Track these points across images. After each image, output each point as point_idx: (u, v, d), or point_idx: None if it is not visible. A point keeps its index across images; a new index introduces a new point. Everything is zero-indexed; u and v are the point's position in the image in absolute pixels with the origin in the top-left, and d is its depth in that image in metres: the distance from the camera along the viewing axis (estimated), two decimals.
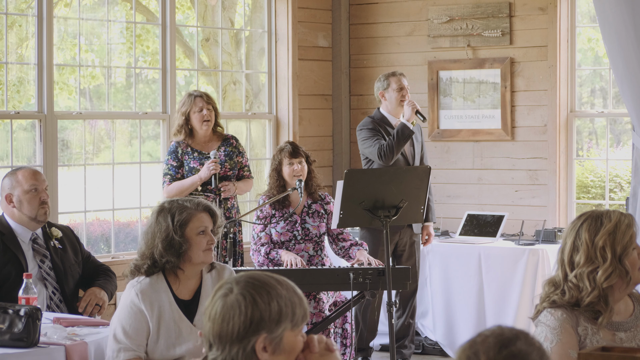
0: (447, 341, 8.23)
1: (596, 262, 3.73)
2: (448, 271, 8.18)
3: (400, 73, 7.82)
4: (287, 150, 7.16)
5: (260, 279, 2.79)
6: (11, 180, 5.69)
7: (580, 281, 3.73)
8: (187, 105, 7.27)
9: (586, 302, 3.71)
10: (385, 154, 7.56)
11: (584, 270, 3.73)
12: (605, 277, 3.71)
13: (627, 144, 9.48)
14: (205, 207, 4.51)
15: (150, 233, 4.47)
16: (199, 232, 4.46)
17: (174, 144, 7.32)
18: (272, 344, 2.74)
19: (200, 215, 4.48)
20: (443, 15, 8.96)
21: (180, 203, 4.49)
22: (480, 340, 2.40)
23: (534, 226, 8.41)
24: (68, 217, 7.87)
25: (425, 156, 7.96)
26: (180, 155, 7.25)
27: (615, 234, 3.75)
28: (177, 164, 7.24)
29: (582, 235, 3.76)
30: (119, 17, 8.61)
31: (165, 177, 7.27)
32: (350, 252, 7.12)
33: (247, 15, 9.28)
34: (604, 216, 3.78)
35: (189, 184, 7.17)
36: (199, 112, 7.25)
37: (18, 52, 7.96)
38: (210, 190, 7.23)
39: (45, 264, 5.63)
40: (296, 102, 9.12)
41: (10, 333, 4.50)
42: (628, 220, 3.78)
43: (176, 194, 7.09)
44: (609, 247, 3.73)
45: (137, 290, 4.42)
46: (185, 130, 7.28)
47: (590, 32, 9.31)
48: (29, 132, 7.76)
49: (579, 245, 3.76)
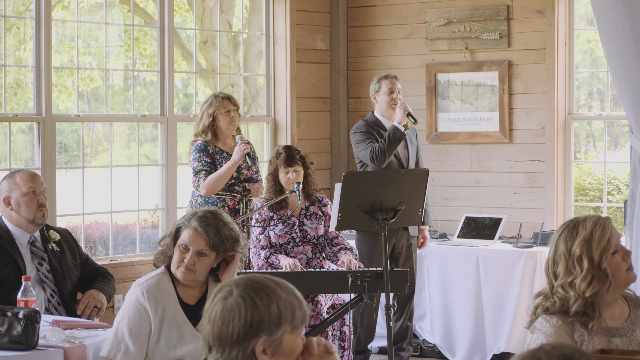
0: (445, 344, 8.23)
1: (574, 272, 3.74)
2: (446, 274, 8.18)
3: (392, 76, 7.82)
4: (282, 159, 7.15)
5: (259, 281, 2.79)
6: (9, 182, 5.69)
7: (565, 291, 3.75)
8: (215, 106, 7.26)
9: (573, 310, 3.72)
10: (377, 157, 7.57)
11: (565, 280, 3.75)
12: (586, 285, 3.72)
13: (624, 147, 9.48)
14: (194, 225, 4.49)
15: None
16: (180, 245, 4.50)
17: (201, 142, 7.27)
18: (271, 346, 2.74)
19: (186, 231, 4.50)
20: (441, 17, 8.97)
21: (188, 216, 4.54)
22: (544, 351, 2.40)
23: (532, 229, 8.41)
24: (66, 220, 7.87)
25: (420, 159, 7.97)
26: (212, 154, 7.25)
27: (591, 241, 3.75)
28: (210, 160, 7.23)
29: (560, 246, 3.78)
30: (117, 20, 8.61)
31: (199, 173, 7.19)
32: (339, 255, 7.16)
33: (245, 18, 9.28)
34: (580, 225, 3.78)
35: (225, 172, 7.13)
36: (226, 113, 7.25)
37: (16, 54, 7.96)
38: (237, 191, 7.24)
39: (44, 266, 5.63)
40: (294, 104, 9.12)
41: (9, 336, 4.50)
42: (603, 225, 3.77)
43: (215, 186, 7.13)
44: (586, 255, 3.74)
45: (143, 288, 4.43)
46: (212, 130, 7.28)
47: (588, 34, 9.32)
48: (27, 134, 7.75)
49: (559, 257, 3.78)
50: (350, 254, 7.15)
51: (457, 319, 8.14)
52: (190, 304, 4.52)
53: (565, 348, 2.37)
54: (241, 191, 7.26)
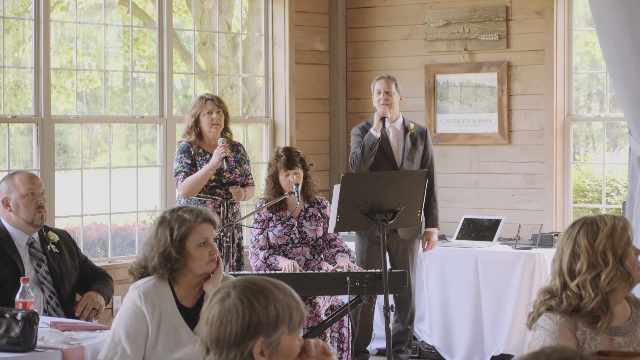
0: (443, 345, 8.23)
1: (598, 267, 3.73)
2: (445, 275, 8.18)
3: (386, 77, 7.74)
4: (282, 161, 7.15)
5: (257, 283, 2.79)
6: (8, 184, 5.69)
7: (582, 289, 3.72)
8: (198, 107, 7.26)
9: (589, 308, 3.71)
10: (354, 163, 7.60)
11: (587, 277, 3.72)
12: (608, 281, 3.71)
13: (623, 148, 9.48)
14: (205, 217, 4.46)
15: (149, 244, 4.47)
16: (199, 244, 4.44)
17: (185, 143, 7.28)
18: (269, 348, 2.74)
19: (201, 227, 4.44)
20: (440, 19, 8.97)
21: (180, 215, 4.44)
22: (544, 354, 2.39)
23: (530, 230, 8.41)
24: (65, 221, 7.87)
25: (431, 167, 7.85)
26: (194, 155, 7.24)
27: (614, 236, 3.75)
28: (191, 162, 7.22)
29: (581, 241, 3.75)
30: (116, 21, 8.61)
31: (178, 174, 7.19)
32: (336, 258, 7.16)
33: (244, 19, 9.28)
34: (598, 221, 3.78)
35: (202, 175, 7.10)
36: (209, 115, 7.24)
37: (15, 55, 7.96)
38: (218, 194, 7.22)
39: (42, 268, 5.62)
40: (293, 105, 9.12)
41: (7, 337, 4.49)
42: (623, 222, 3.79)
43: (191, 188, 7.10)
44: (610, 250, 3.73)
45: (140, 292, 4.42)
46: (195, 132, 7.27)
47: (587, 35, 9.32)
48: (25, 136, 7.75)
49: (579, 253, 3.75)
50: (347, 257, 7.15)
51: (456, 320, 8.13)
52: (188, 306, 4.50)
53: (566, 351, 2.36)
54: (223, 194, 7.23)
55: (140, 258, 4.52)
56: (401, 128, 7.78)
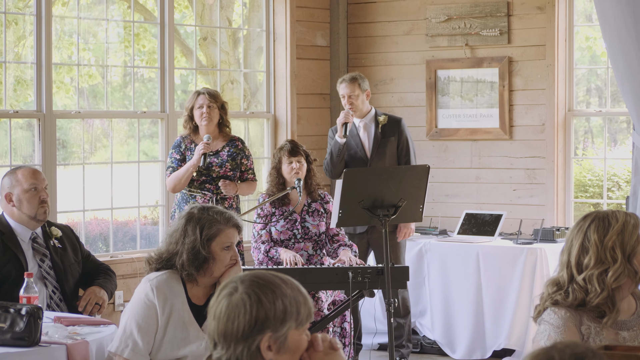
0: (445, 340, 8.24)
1: (606, 263, 3.72)
2: (446, 270, 8.18)
3: (347, 79, 7.83)
4: (286, 149, 7.22)
5: (265, 278, 2.79)
6: (11, 179, 5.69)
7: (589, 283, 3.72)
8: (191, 101, 7.37)
9: (594, 303, 3.71)
10: (326, 169, 7.87)
11: (594, 272, 3.72)
12: (615, 278, 3.71)
13: (624, 143, 9.49)
14: (235, 223, 4.48)
15: (174, 238, 4.47)
16: (224, 248, 4.45)
17: (178, 138, 7.43)
18: (276, 342, 2.75)
19: (229, 231, 4.46)
20: (441, 14, 8.96)
21: (212, 215, 4.45)
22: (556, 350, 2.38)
23: (532, 225, 8.41)
24: (66, 216, 7.87)
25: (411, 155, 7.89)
26: (184, 150, 7.31)
27: (624, 234, 3.74)
28: (180, 158, 7.30)
29: (591, 236, 3.74)
30: (116, 16, 8.60)
31: (167, 169, 7.35)
32: (338, 252, 7.17)
33: (245, 14, 9.27)
34: (610, 216, 3.77)
35: (184, 172, 7.22)
36: (200, 109, 7.30)
37: (15, 50, 7.96)
38: (208, 189, 7.25)
39: (45, 263, 5.62)
40: (294, 101, 9.12)
41: (11, 332, 4.50)
42: (634, 220, 3.78)
43: (175, 184, 7.24)
44: (619, 247, 3.73)
45: (152, 285, 4.42)
46: (190, 126, 7.38)
47: (587, 31, 9.32)
48: (27, 131, 7.75)
49: (589, 247, 3.75)
50: (350, 251, 7.16)
51: (458, 315, 8.14)
52: (199, 304, 4.50)
53: (577, 347, 2.36)
54: (213, 189, 7.27)
55: (161, 250, 4.51)
56: (371, 122, 7.86)
